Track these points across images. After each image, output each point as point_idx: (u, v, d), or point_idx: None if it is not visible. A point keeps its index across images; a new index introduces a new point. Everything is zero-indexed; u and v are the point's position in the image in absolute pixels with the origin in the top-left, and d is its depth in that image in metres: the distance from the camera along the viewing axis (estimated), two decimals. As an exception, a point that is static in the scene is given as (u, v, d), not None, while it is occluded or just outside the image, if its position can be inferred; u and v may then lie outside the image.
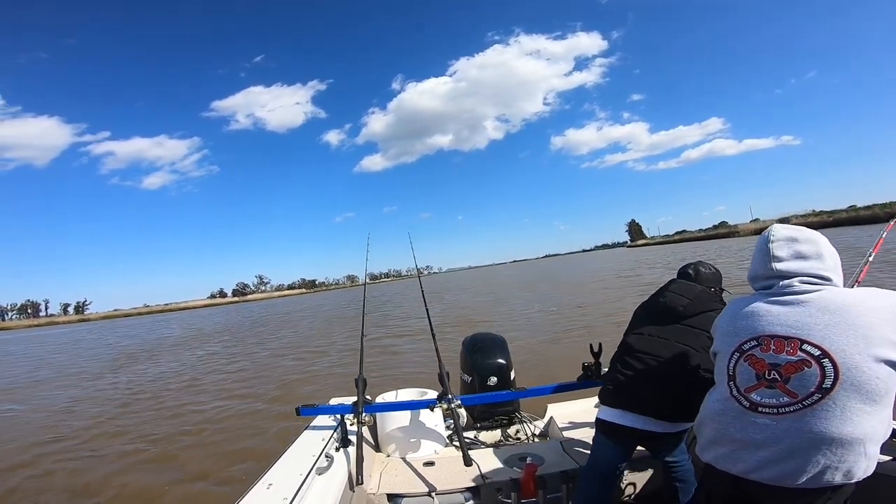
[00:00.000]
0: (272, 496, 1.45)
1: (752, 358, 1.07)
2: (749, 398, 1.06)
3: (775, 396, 1.02)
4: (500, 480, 1.86)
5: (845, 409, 0.96)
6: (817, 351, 0.99)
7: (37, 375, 12.29)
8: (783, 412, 1.01)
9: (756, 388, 1.05)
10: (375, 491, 1.85)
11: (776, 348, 1.04)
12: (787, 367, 1.01)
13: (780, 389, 1.02)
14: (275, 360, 10.08)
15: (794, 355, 1.01)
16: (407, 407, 2.21)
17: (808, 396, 0.98)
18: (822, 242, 1.12)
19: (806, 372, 0.99)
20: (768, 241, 1.14)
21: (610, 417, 1.61)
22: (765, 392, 1.04)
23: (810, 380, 0.99)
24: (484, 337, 2.85)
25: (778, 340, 1.04)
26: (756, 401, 1.05)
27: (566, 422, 2.48)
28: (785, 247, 1.11)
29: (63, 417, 6.85)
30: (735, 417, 1.08)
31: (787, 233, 1.14)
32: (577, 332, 8.67)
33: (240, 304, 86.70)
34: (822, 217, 52.71)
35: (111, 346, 19.56)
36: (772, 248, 1.12)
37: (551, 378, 2.81)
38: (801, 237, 1.12)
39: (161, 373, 10.21)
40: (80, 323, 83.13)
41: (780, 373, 1.02)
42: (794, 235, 1.13)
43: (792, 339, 1.02)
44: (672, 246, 64.65)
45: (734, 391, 1.09)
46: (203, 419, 5.91)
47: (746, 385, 1.07)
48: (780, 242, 1.12)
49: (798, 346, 1.01)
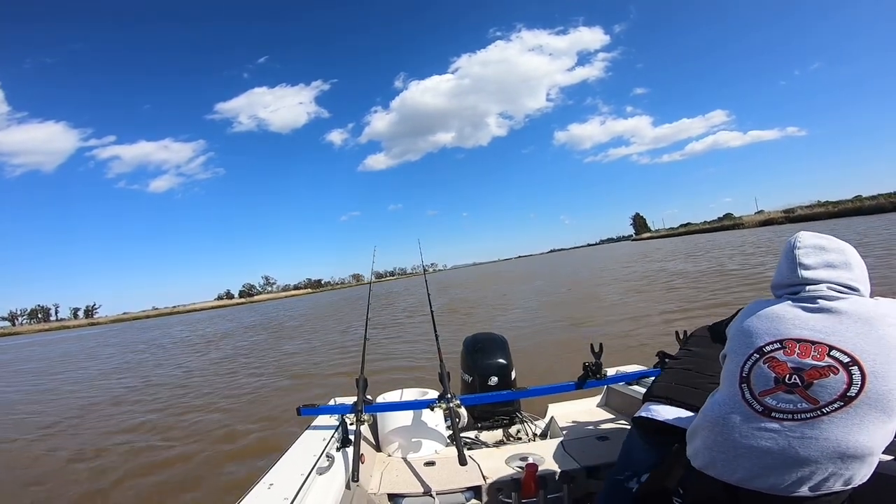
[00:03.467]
0: (273, 496, 1.46)
1: (773, 360, 1.00)
2: (763, 402, 1.00)
3: (792, 402, 0.96)
4: (501, 480, 1.86)
5: (864, 419, 0.92)
6: (847, 358, 0.93)
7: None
8: (798, 419, 0.96)
9: (772, 391, 0.99)
10: (376, 491, 1.86)
11: (802, 352, 0.97)
12: (812, 371, 0.95)
13: (800, 395, 0.96)
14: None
15: (821, 360, 0.95)
16: (407, 407, 2.22)
17: (829, 404, 0.93)
18: (850, 252, 1.08)
19: (831, 378, 0.94)
20: (795, 248, 1.09)
21: (662, 416, 1.48)
22: (781, 397, 0.97)
23: (834, 387, 0.93)
24: (485, 337, 2.85)
25: (804, 344, 0.98)
26: (770, 405, 0.98)
27: (567, 422, 2.48)
28: (813, 254, 1.07)
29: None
30: (742, 422, 1.02)
31: (815, 241, 1.09)
32: (577, 331, 8.65)
33: (249, 305, 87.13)
34: (827, 207, 52.01)
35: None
36: (798, 254, 1.08)
37: (552, 378, 2.81)
38: (830, 246, 1.07)
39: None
40: (90, 327, 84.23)
41: (803, 377, 0.95)
42: (823, 244, 1.08)
43: (820, 343, 0.96)
44: (681, 238, 64.30)
45: (746, 394, 1.02)
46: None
47: (762, 388, 1.00)
48: (807, 249, 1.08)
49: (826, 352, 0.95)
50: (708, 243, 33.29)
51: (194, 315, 70.14)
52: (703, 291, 11.02)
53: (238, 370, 9.96)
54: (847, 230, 21.64)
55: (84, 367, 15.21)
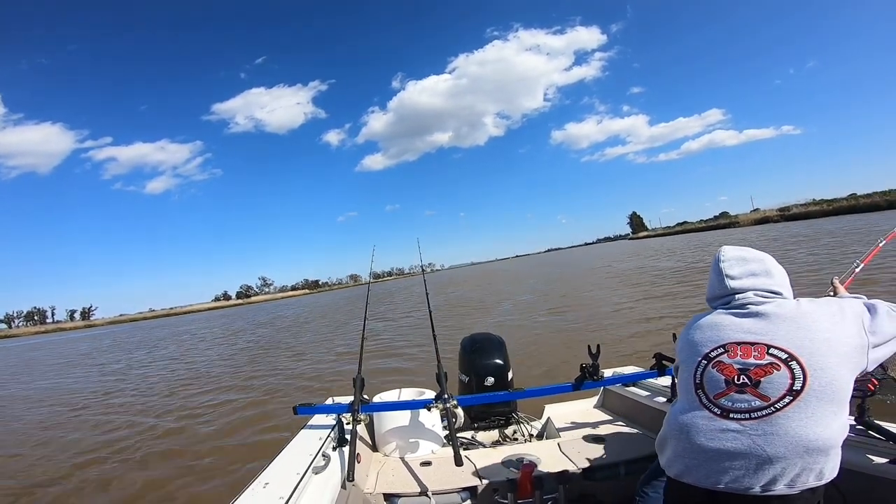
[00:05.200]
0: (268, 495, 1.45)
1: (720, 364, 1.08)
2: (719, 404, 1.06)
3: (746, 401, 1.03)
4: (497, 481, 1.86)
5: (816, 410, 0.99)
6: (784, 354, 1.02)
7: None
8: (755, 417, 1.02)
9: (725, 393, 1.06)
10: (372, 490, 1.86)
11: (743, 353, 1.07)
12: (757, 370, 1.03)
13: (751, 393, 1.03)
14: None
15: (762, 359, 1.04)
16: (404, 407, 2.22)
17: (780, 399, 1.00)
18: (769, 261, 1.20)
19: (775, 374, 1.01)
20: (720, 262, 1.22)
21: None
22: (735, 397, 1.05)
23: (781, 382, 1.01)
24: (482, 337, 2.85)
25: (744, 346, 1.08)
26: (727, 406, 1.05)
27: (563, 422, 2.49)
28: (736, 266, 1.20)
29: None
30: (705, 426, 1.07)
31: (736, 253, 1.22)
32: (575, 332, 8.66)
33: (255, 305, 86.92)
34: (822, 206, 52.18)
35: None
36: (724, 267, 1.20)
37: (549, 379, 2.81)
38: (750, 256, 1.21)
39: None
40: (87, 329, 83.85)
41: (750, 376, 1.03)
42: (744, 255, 1.21)
43: (758, 344, 1.06)
44: (679, 236, 64.58)
45: (703, 399, 1.09)
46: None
47: (716, 391, 1.08)
48: (731, 262, 1.20)
49: (765, 350, 1.04)
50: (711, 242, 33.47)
51: (199, 315, 70.32)
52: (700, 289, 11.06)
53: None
54: (838, 224, 21.64)
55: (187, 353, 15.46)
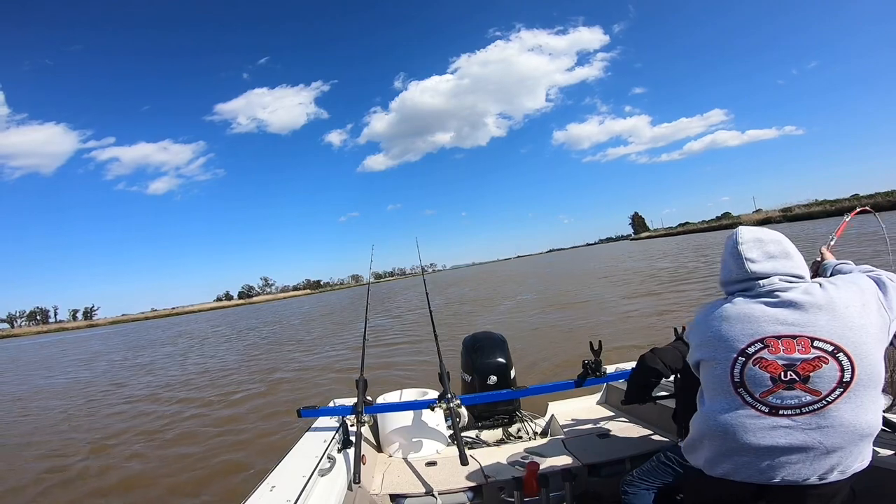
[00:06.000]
0: (275, 498, 1.46)
1: (762, 361, 1.02)
2: (767, 402, 1.02)
3: (796, 397, 1.00)
4: (503, 479, 1.87)
5: (864, 398, 0.98)
6: (830, 346, 0.98)
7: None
8: (807, 411, 0.99)
9: (773, 391, 1.01)
10: (378, 491, 1.87)
11: (786, 348, 1.00)
12: (804, 365, 0.99)
13: (801, 389, 0.99)
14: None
15: (807, 353, 0.99)
16: (407, 407, 2.23)
17: (831, 392, 0.98)
18: (785, 241, 1.13)
19: (824, 368, 0.98)
20: (738, 244, 1.13)
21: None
22: (784, 394, 1.01)
23: (831, 375, 0.98)
24: (484, 336, 2.85)
25: (786, 340, 1.01)
26: (776, 404, 1.01)
27: (567, 420, 2.50)
28: (754, 248, 1.11)
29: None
30: (753, 425, 1.03)
31: (753, 234, 1.14)
32: (577, 329, 8.66)
33: (248, 307, 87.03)
34: (824, 206, 52.00)
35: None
36: (742, 250, 1.12)
37: (552, 376, 2.82)
38: (767, 238, 1.13)
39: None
40: (89, 328, 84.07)
41: (797, 372, 0.99)
42: (760, 237, 1.13)
43: (801, 337, 1.00)
44: (681, 237, 64.53)
45: (746, 398, 1.04)
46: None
47: (761, 390, 1.02)
48: (749, 244, 1.12)
49: (809, 344, 0.99)
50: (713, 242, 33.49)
51: (203, 315, 70.46)
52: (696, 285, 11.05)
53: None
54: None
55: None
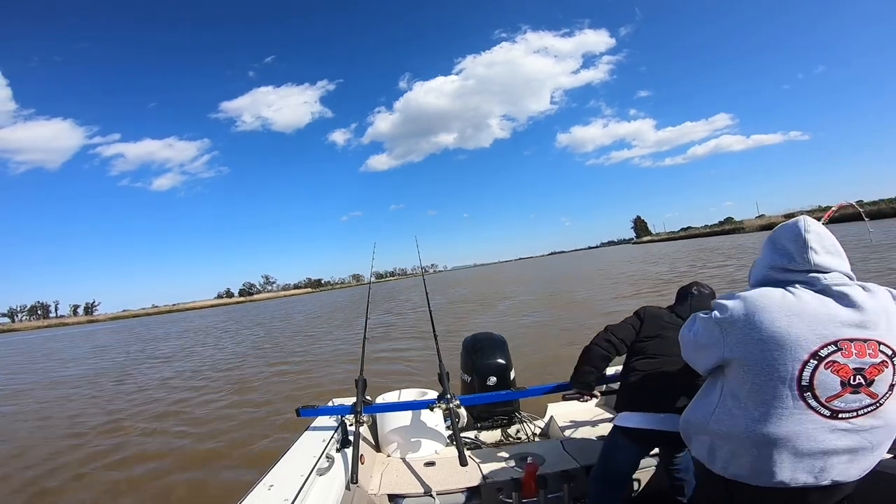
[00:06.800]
0: (273, 497, 1.46)
1: (835, 364, 0.97)
2: (830, 406, 0.98)
3: (858, 401, 0.98)
4: (501, 480, 1.87)
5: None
6: (890, 351, 0.97)
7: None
8: (861, 414, 0.98)
9: (839, 395, 0.98)
10: (376, 491, 1.87)
11: (858, 352, 0.97)
12: (871, 369, 0.97)
13: (864, 393, 0.98)
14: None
15: (876, 357, 0.97)
16: (406, 407, 2.22)
17: (885, 395, 0.98)
18: (835, 239, 1.10)
19: (885, 372, 0.97)
20: (805, 231, 1.07)
21: (634, 423, 1.62)
22: (849, 398, 0.98)
23: (888, 379, 0.98)
24: (484, 337, 2.85)
25: (858, 343, 0.97)
26: (839, 408, 0.98)
27: (566, 421, 2.49)
28: (818, 240, 1.06)
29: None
30: (813, 430, 0.99)
31: (817, 227, 1.09)
32: (577, 330, 8.64)
33: (249, 304, 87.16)
34: (826, 212, 51.86)
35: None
36: (809, 238, 1.06)
37: (551, 377, 2.81)
38: (826, 233, 1.09)
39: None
40: (90, 324, 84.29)
41: (865, 376, 0.97)
42: (822, 231, 1.08)
43: (870, 340, 0.97)
44: (683, 241, 64.49)
45: (811, 402, 0.98)
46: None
47: (829, 394, 0.98)
48: (814, 234, 1.07)
49: (877, 348, 0.97)
50: (716, 247, 33.48)
51: (205, 311, 70.75)
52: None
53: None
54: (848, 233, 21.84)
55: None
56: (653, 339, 1.71)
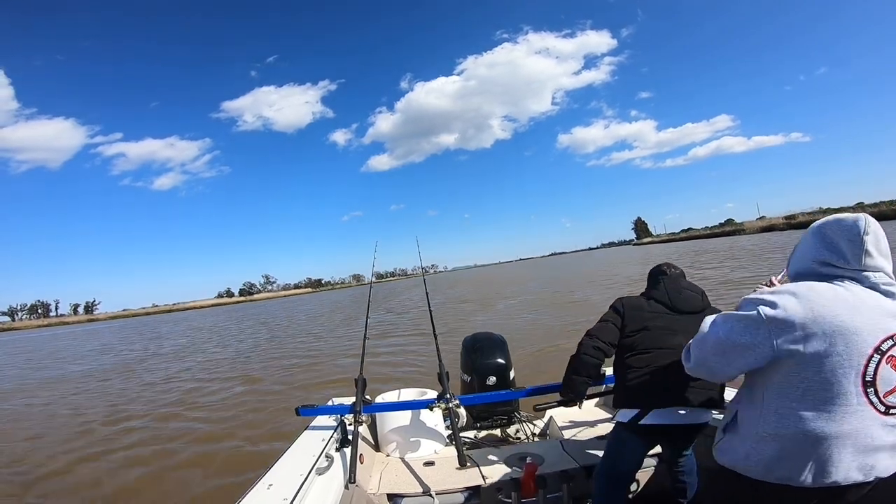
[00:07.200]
0: (272, 496, 1.46)
1: (894, 359, 0.96)
2: (885, 402, 0.97)
3: None
4: (500, 480, 1.87)
5: None
6: None
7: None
8: None
9: (894, 391, 0.97)
10: (375, 491, 1.87)
11: None
12: None
13: None
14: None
15: None
16: (406, 407, 2.22)
17: None
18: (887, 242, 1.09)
19: None
20: (864, 232, 1.03)
21: (638, 419, 1.60)
22: None
23: None
24: (483, 337, 2.86)
25: None
26: (892, 403, 0.97)
27: (566, 421, 2.49)
28: (874, 242, 1.03)
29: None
30: (871, 427, 0.97)
31: (876, 228, 1.05)
32: (576, 330, 8.64)
33: (249, 304, 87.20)
34: (828, 214, 51.86)
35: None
36: (867, 240, 1.03)
37: (551, 377, 2.81)
38: (882, 235, 1.06)
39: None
40: (90, 323, 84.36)
41: None
42: (879, 232, 1.05)
43: None
44: (684, 243, 64.44)
45: (872, 397, 0.96)
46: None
47: (887, 389, 0.96)
48: (872, 237, 1.03)
49: None
50: (716, 249, 33.51)
51: (205, 311, 70.85)
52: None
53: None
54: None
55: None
56: (639, 332, 1.67)
